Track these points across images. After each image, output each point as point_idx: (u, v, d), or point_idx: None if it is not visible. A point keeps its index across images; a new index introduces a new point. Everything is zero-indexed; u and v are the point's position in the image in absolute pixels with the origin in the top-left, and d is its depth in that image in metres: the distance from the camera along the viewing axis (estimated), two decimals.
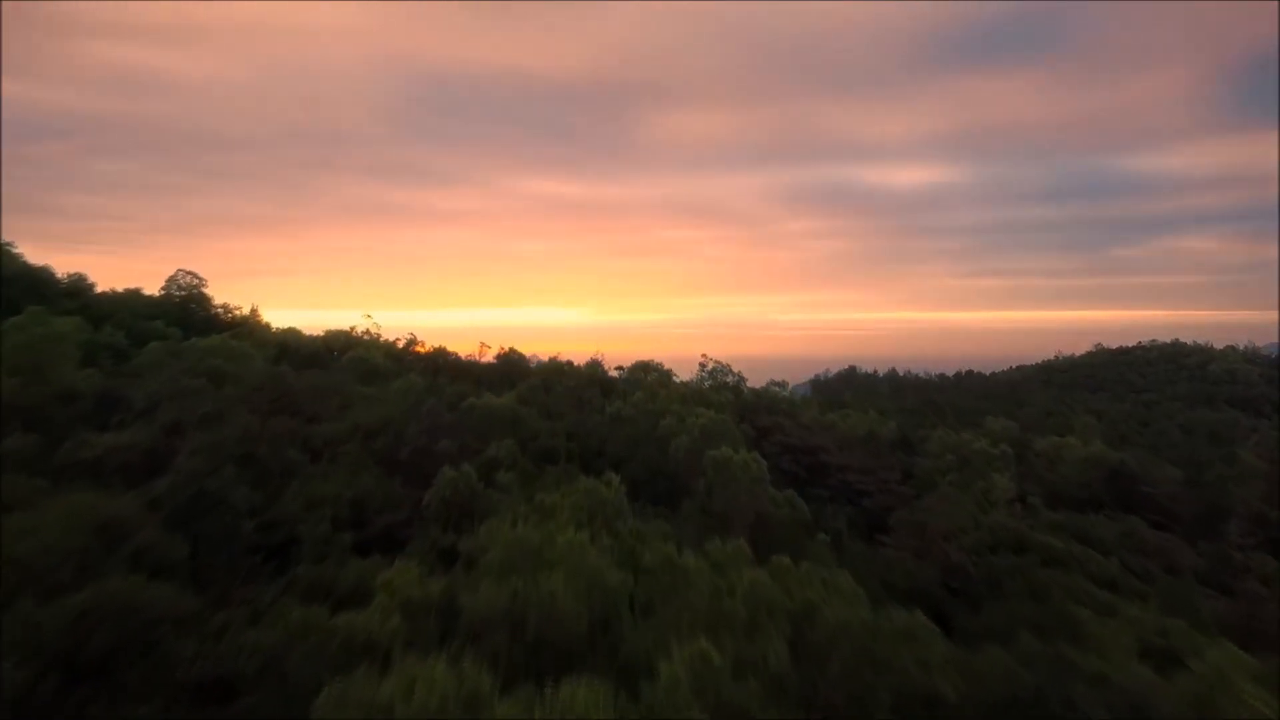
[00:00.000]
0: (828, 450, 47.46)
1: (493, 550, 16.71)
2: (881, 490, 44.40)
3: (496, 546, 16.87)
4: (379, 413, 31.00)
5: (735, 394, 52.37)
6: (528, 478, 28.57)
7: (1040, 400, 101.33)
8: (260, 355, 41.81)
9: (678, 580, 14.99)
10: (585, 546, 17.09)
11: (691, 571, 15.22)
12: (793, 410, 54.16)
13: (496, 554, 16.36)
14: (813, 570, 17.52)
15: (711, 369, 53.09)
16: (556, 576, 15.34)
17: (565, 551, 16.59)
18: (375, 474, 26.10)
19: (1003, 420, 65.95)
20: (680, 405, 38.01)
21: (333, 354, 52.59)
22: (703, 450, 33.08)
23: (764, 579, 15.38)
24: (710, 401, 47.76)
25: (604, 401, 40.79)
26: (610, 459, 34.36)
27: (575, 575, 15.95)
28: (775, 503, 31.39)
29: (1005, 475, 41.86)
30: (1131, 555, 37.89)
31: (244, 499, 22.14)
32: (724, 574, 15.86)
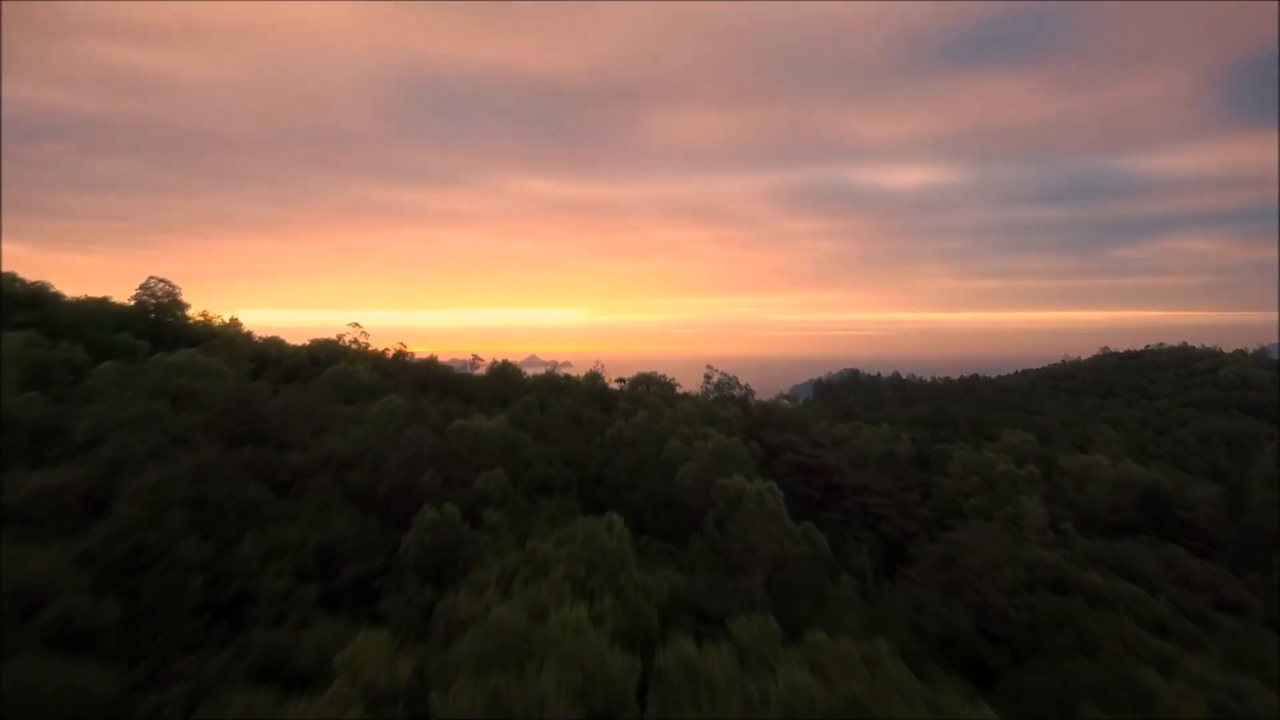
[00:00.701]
0: (842, 470, 44.58)
1: (471, 633, 13.87)
2: (902, 514, 41.56)
3: (476, 631, 13.97)
4: (356, 439, 28.10)
5: (743, 408, 49.50)
6: (520, 514, 25.69)
7: (1053, 408, 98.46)
8: (236, 370, 38.95)
9: (698, 689, 12.14)
10: (583, 626, 14.26)
11: (715, 677, 12.36)
12: (803, 425, 51.27)
13: (475, 642, 13.49)
14: (852, 651, 14.71)
15: (718, 381, 50.30)
16: (548, 674, 12.52)
17: (559, 635, 13.78)
18: (348, 514, 23.21)
19: (1020, 433, 63.01)
20: (686, 426, 35.14)
21: (317, 365, 49.74)
22: (713, 478, 30.24)
23: (803, 679, 12.52)
24: (717, 417, 44.90)
25: (604, 419, 37.91)
26: (611, 487, 31.51)
27: (570, 666, 13.13)
28: (793, 537, 28.54)
29: (1034, 499, 39.03)
30: (1176, 589, 35.11)
31: (192, 550, 19.23)
32: (754, 670, 12.99)
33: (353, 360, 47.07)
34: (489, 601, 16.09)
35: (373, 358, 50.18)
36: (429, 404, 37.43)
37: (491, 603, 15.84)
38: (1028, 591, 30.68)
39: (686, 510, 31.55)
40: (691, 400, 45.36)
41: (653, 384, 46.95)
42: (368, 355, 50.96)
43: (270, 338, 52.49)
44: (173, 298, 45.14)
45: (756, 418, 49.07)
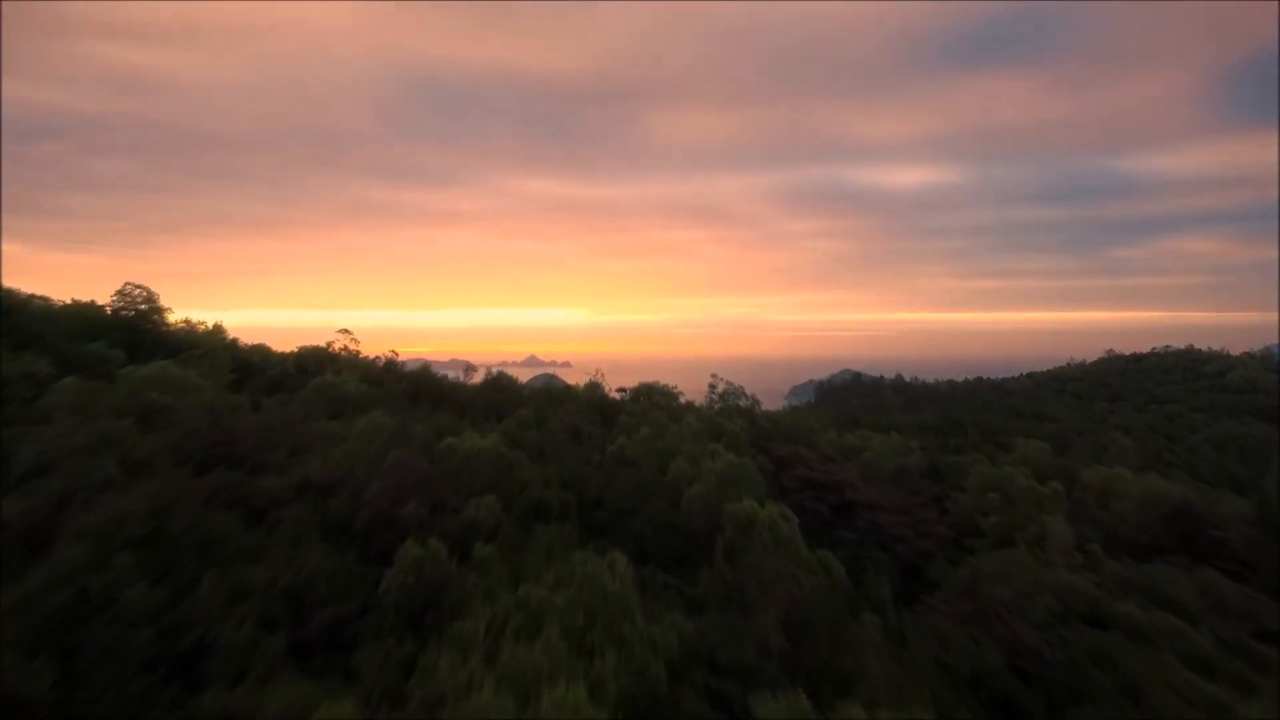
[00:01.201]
0: (854, 486, 42.49)
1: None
2: (917, 533, 39.47)
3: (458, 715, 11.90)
4: (336, 461, 25.96)
5: (749, 419, 47.41)
6: (514, 546, 23.58)
7: (1064, 415, 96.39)
8: (214, 382, 36.81)
9: None
10: (581, 704, 12.20)
11: None
12: (811, 436, 49.17)
13: None
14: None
15: (723, 390, 48.25)
16: None
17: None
18: (323, 549, 21.08)
19: (1034, 442, 60.98)
20: (692, 443, 33.04)
21: (305, 374, 47.61)
22: (721, 502, 28.17)
23: None
24: (723, 430, 42.79)
25: (605, 435, 35.84)
26: (612, 510, 29.40)
27: None
28: (809, 567, 26.47)
29: (1060, 518, 36.99)
30: (1214, 617, 33.11)
31: (142, 597, 17.13)
32: None
33: (341, 370, 44.92)
34: (473, 669, 14.01)
35: (363, 366, 48.04)
36: (419, 418, 35.32)
37: (475, 670, 13.78)
38: (1060, 624, 28.66)
39: (693, 536, 29.52)
40: (696, 412, 43.23)
41: (655, 394, 44.84)
42: (358, 363, 48.82)
43: (255, 345, 50.37)
44: (152, 304, 43.02)
45: (763, 430, 46.96)
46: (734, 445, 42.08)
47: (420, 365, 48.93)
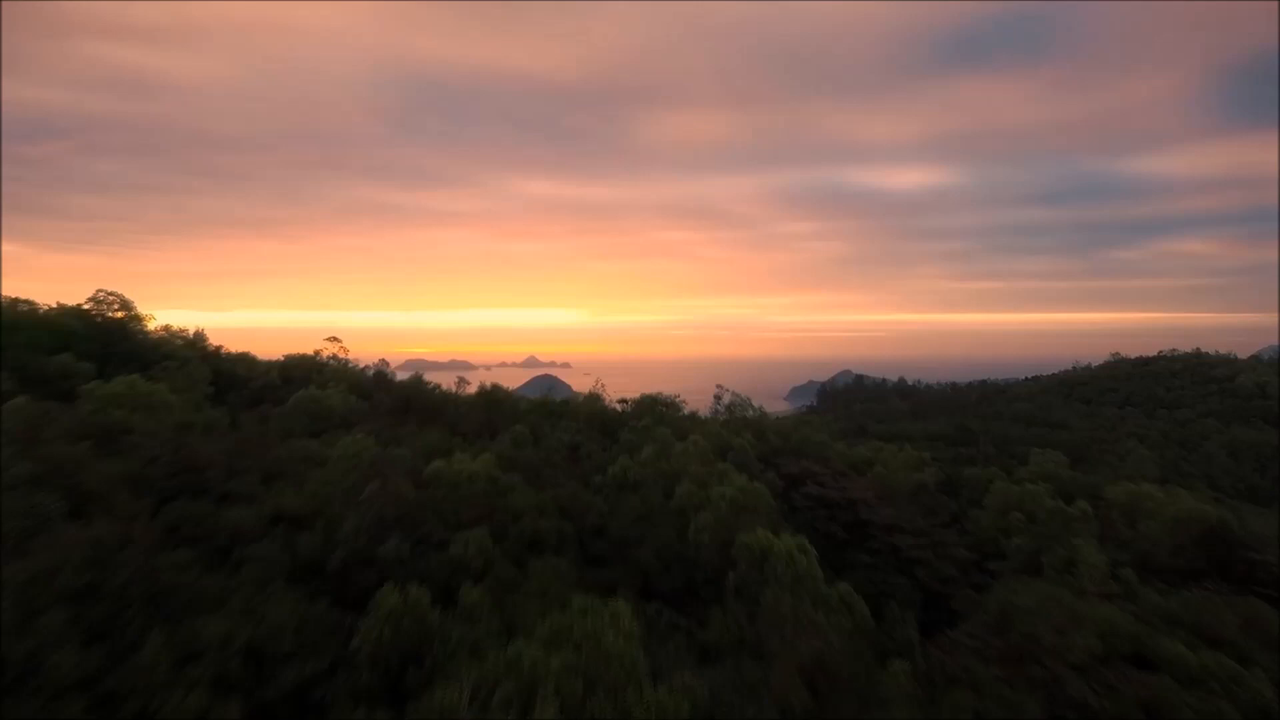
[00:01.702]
0: (870, 504, 40.24)
1: None
2: (937, 556, 37.20)
3: None
4: (313, 490, 23.68)
5: (757, 432, 45.15)
6: (505, 585, 21.29)
7: (1075, 422, 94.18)
8: (189, 397, 34.55)
9: None
10: None
11: None
12: (821, 450, 46.90)
13: None
14: None
15: (729, 402, 46.04)
16: None
17: None
18: (292, 596, 18.79)
19: (1050, 454, 58.67)
20: (699, 464, 30.79)
21: (291, 385, 45.35)
22: (733, 532, 25.92)
23: None
24: (731, 446, 40.52)
25: (606, 453, 33.60)
26: (614, 540, 27.12)
27: None
28: (829, 605, 24.22)
29: (1091, 541, 34.73)
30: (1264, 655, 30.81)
31: (72, 663, 14.85)
32: None
33: (328, 381, 42.66)
34: None
35: (352, 376, 45.79)
36: (407, 436, 33.04)
37: None
38: (1103, 665, 26.42)
39: (702, 568, 27.27)
40: (702, 425, 40.96)
41: (658, 406, 42.60)
42: (347, 373, 46.57)
43: (239, 355, 48.13)
44: (128, 311, 40.72)
45: (772, 445, 44.69)
46: (742, 462, 39.85)
47: (412, 376, 46.68)
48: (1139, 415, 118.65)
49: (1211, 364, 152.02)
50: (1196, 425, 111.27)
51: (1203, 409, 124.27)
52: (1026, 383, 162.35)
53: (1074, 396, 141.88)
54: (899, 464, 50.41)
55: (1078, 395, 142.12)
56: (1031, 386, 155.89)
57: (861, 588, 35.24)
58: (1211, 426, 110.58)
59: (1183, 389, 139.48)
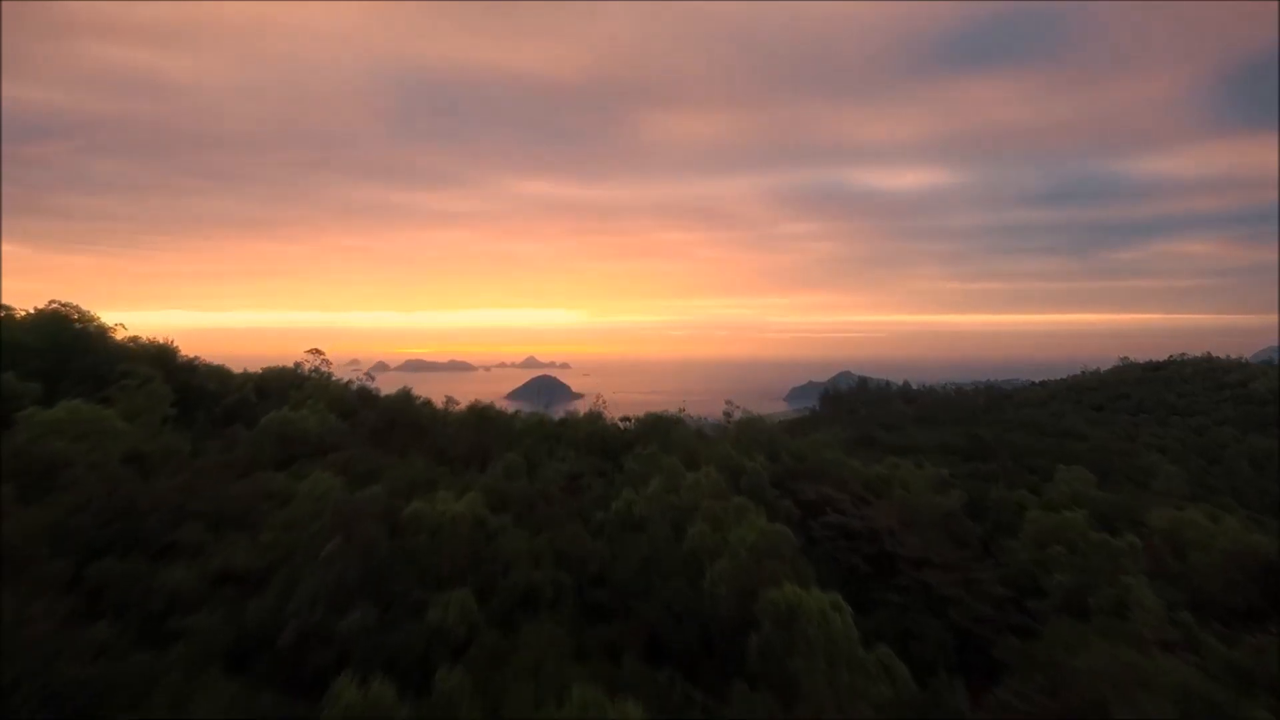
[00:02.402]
0: (895, 534, 37.02)
1: None
2: (973, 594, 33.97)
3: None
4: (270, 542, 20.40)
5: (770, 452, 41.91)
6: (491, 658, 18.01)
7: (1091, 432, 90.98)
8: (147, 419, 31.26)
9: None
10: None
11: None
12: (839, 472, 43.65)
13: None
14: None
15: (740, 419, 42.83)
16: None
17: None
18: (229, 687, 15.50)
19: (1077, 471, 55.46)
20: (712, 497, 27.52)
21: (267, 401, 42.06)
22: (754, 584, 22.71)
23: None
24: (744, 470, 37.27)
25: (608, 482, 30.37)
26: (617, 590, 23.83)
27: None
28: (867, 672, 21.05)
29: (1143, 580, 31.55)
30: None
31: None
32: None
33: (306, 398, 39.35)
34: None
35: (334, 392, 42.45)
36: (388, 465, 29.73)
37: None
38: None
39: (719, 625, 24.08)
40: (711, 447, 37.70)
41: (664, 425, 39.35)
42: (328, 388, 43.25)
43: (214, 367, 44.83)
44: (85, 322, 37.37)
45: (787, 466, 41.45)
46: (756, 489, 36.61)
47: (400, 391, 43.39)
48: (1152, 423, 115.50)
49: (1224, 368, 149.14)
50: (1213, 433, 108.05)
51: (1217, 416, 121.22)
52: (1033, 387, 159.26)
53: (1084, 402, 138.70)
54: (921, 484, 47.21)
55: (1087, 401, 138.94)
56: (1039, 391, 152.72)
57: (888, 628, 32.05)
58: (1229, 435, 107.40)
59: (1195, 395, 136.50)
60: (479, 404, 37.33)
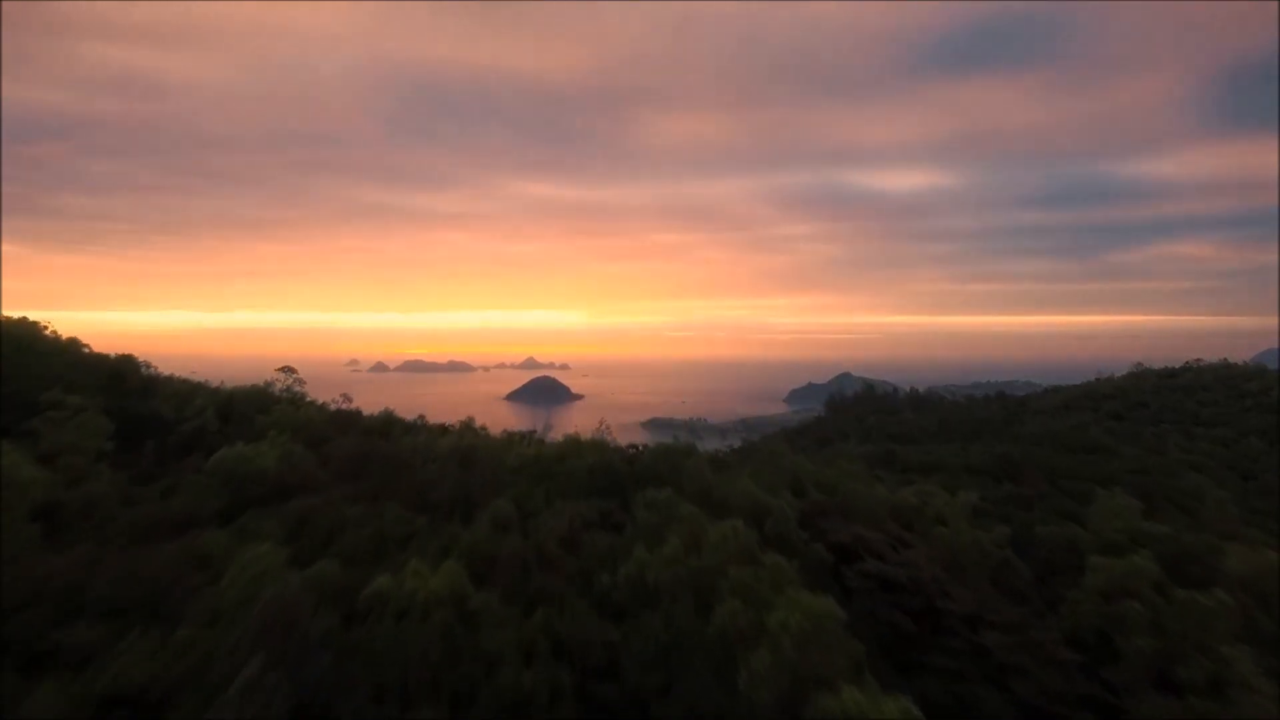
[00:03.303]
0: (941, 585, 32.40)
1: None
2: (1038, 661, 29.38)
3: None
4: (183, 644, 15.77)
5: (794, 484, 37.32)
6: None
7: (1118, 446, 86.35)
8: (75, 460, 26.64)
9: None
10: None
11: None
12: (868, 503, 39.03)
13: None
14: None
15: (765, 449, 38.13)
16: None
17: None
18: None
19: (1120, 498, 50.76)
20: (743, 560, 22.88)
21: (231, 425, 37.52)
22: (804, 685, 18.17)
23: None
24: (769, 511, 32.69)
25: (614, 535, 25.72)
26: (629, 688, 19.21)
27: None
28: None
29: (1242, 650, 26.97)
30: None
31: None
32: None
33: (270, 427, 34.71)
34: None
35: (305, 417, 37.81)
36: (353, 520, 25.05)
37: None
38: None
39: None
40: (733, 485, 33.08)
41: (676, 456, 34.69)
42: (299, 413, 38.60)
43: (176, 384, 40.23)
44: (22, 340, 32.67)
45: (814, 501, 36.84)
46: (783, 535, 32.01)
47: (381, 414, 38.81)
48: (1176, 434, 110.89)
49: (1243, 375, 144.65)
50: (1242, 446, 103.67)
51: (1242, 426, 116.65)
52: (1047, 394, 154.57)
53: (1100, 411, 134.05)
54: (958, 516, 42.61)
55: (1104, 410, 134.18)
56: (1053, 399, 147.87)
57: (938, 699, 27.50)
58: (1258, 448, 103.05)
59: (1216, 403, 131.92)
60: (469, 432, 32.67)
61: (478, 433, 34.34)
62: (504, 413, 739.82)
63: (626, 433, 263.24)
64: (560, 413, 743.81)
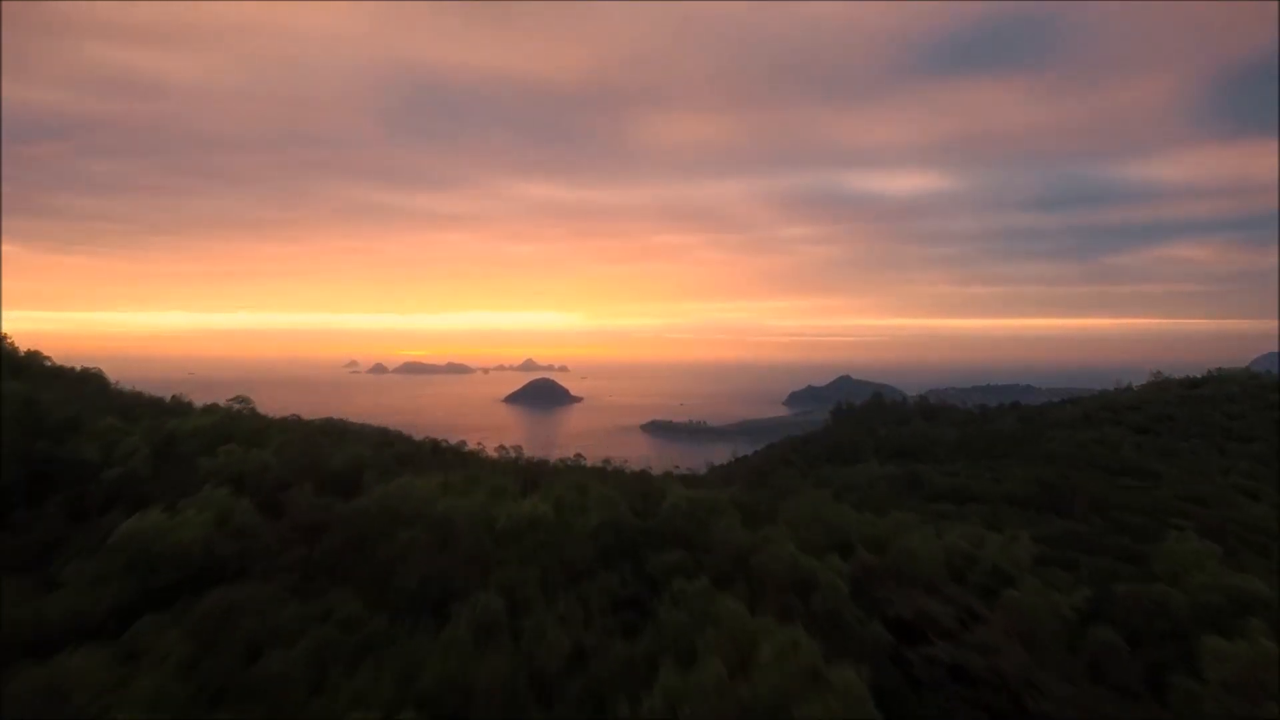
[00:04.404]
0: (1028, 674, 26.55)
1: None
2: None
3: None
4: None
5: (842, 545, 31.42)
6: None
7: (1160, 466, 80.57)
8: None
9: None
10: None
11: None
12: (929, 562, 33.09)
13: None
14: None
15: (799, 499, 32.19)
16: None
17: None
18: None
19: (1192, 541, 44.80)
20: (807, 682, 17.01)
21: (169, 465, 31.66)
22: None
23: None
24: (818, 584, 26.80)
25: (634, 641, 19.85)
26: None
27: None
28: None
29: None
30: None
31: None
32: None
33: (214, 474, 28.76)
34: None
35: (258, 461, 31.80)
36: (290, 617, 19.12)
37: None
38: None
39: None
40: (773, 550, 27.16)
41: (702, 516, 28.79)
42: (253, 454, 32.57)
43: (99, 427, 34.22)
44: None
45: (865, 564, 30.91)
46: (835, 615, 26.09)
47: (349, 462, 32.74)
48: (1210, 450, 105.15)
49: (1270, 385, 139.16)
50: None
51: (1276, 441, 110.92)
52: (1066, 406, 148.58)
53: (1124, 424, 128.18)
54: (1023, 570, 36.76)
55: (1128, 423, 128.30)
56: (1072, 411, 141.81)
57: None
58: None
59: (1244, 416, 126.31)
60: (450, 490, 26.68)
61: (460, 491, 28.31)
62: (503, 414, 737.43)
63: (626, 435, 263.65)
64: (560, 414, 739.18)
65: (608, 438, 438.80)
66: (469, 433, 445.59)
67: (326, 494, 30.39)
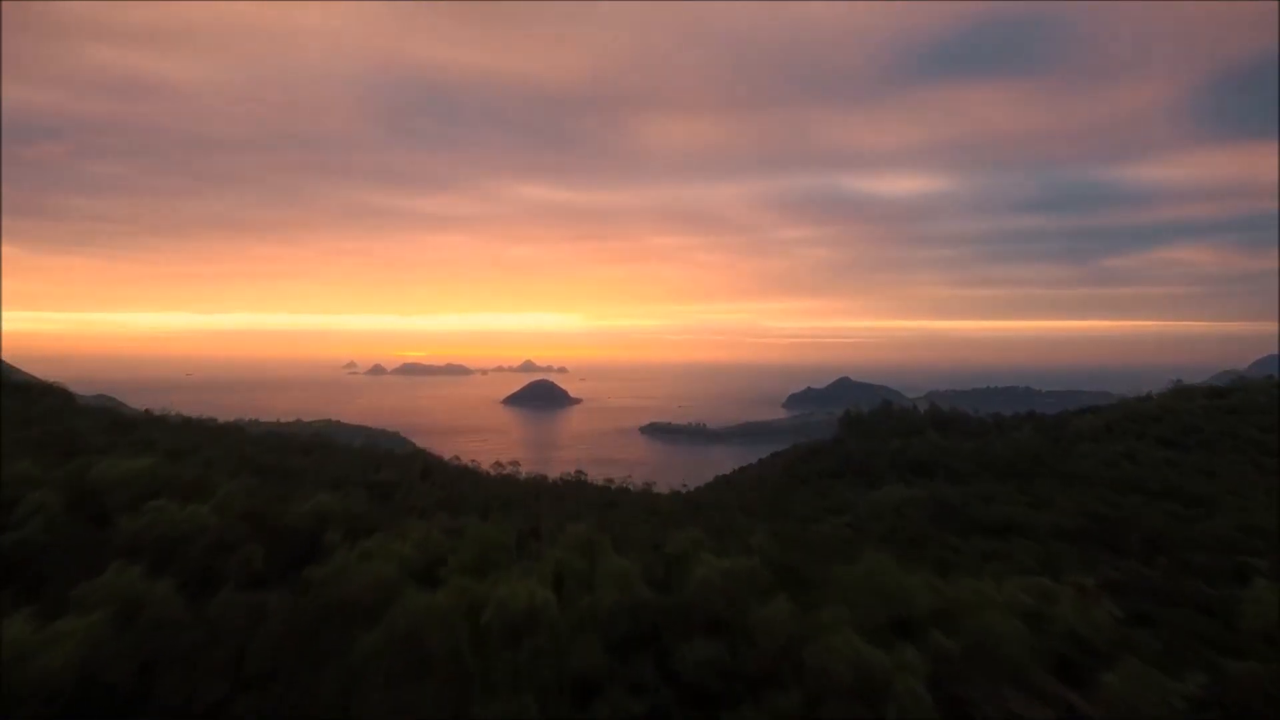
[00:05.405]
0: None
1: None
2: None
3: None
4: None
5: (906, 621, 25.75)
6: None
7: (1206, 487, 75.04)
8: None
9: None
10: None
11: None
12: (1009, 641, 27.42)
13: None
14: None
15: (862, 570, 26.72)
16: None
17: None
18: None
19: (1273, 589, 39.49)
20: None
21: (72, 531, 25.85)
22: None
23: None
24: (889, 687, 21.13)
25: None
26: None
27: None
28: None
29: None
30: None
31: None
32: None
33: (134, 540, 23.05)
34: None
35: (195, 521, 26.09)
36: None
37: None
38: None
39: None
40: (831, 644, 21.50)
41: (744, 594, 23.22)
42: (190, 509, 26.79)
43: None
44: None
45: (941, 654, 25.20)
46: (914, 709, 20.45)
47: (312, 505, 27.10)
48: (1247, 466, 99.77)
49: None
50: None
51: None
52: (1086, 415, 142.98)
53: (1149, 436, 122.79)
54: (1108, 636, 31.10)
55: (1153, 435, 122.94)
56: (1094, 422, 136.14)
57: None
58: None
59: (1274, 429, 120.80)
60: (421, 608, 20.77)
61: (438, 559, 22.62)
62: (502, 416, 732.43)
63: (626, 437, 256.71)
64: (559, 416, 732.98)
65: (607, 440, 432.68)
66: (468, 435, 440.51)
67: (277, 560, 24.85)
